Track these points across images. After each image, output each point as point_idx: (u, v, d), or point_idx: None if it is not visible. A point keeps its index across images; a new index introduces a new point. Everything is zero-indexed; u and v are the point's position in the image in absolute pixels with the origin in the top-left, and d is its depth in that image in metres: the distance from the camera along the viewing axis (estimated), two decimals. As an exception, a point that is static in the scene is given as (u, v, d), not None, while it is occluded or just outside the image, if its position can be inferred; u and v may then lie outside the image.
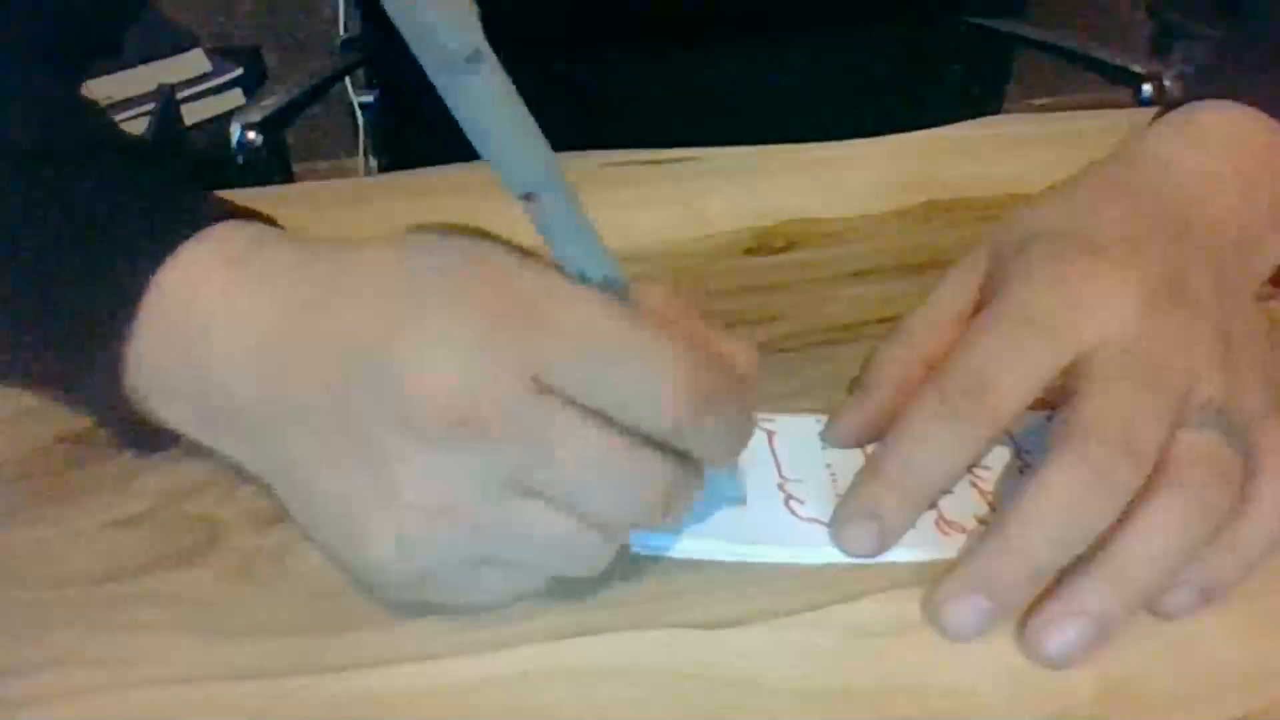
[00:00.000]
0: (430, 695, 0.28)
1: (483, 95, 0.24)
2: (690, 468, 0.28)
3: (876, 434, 0.34)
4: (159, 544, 0.33)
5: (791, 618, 0.30)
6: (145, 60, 1.46)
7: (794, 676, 0.29)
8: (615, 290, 0.27)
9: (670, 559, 0.32)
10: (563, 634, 0.30)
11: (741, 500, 0.33)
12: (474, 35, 0.23)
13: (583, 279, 0.27)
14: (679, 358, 0.26)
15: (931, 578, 0.31)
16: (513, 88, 0.24)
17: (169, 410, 0.32)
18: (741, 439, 0.29)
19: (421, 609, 0.30)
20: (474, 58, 0.23)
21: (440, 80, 0.23)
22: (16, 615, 0.30)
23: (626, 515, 0.28)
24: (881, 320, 0.42)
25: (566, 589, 0.30)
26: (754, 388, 0.30)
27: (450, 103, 0.24)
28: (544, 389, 0.26)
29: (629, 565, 0.31)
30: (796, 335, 0.42)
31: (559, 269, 0.27)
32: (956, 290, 0.37)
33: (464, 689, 0.28)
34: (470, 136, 0.25)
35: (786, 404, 0.37)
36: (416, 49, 0.23)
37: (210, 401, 0.31)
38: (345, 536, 0.28)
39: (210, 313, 0.30)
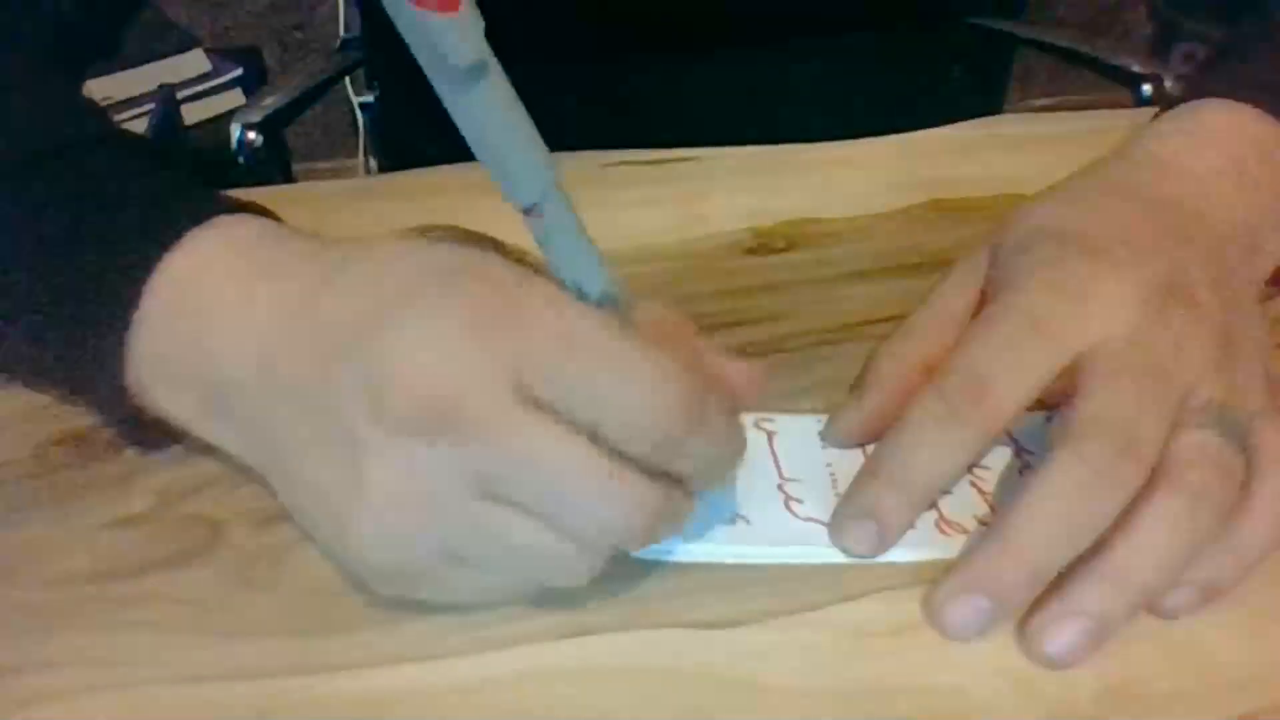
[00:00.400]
0: (430, 695, 0.28)
1: (486, 106, 0.24)
2: (678, 491, 0.28)
3: (876, 434, 0.34)
4: (159, 544, 0.33)
5: (791, 618, 0.30)
6: (145, 60, 1.46)
7: (794, 676, 0.29)
8: (612, 305, 0.27)
9: (671, 559, 0.32)
10: (563, 634, 0.30)
11: (733, 518, 0.33)
12: (479, 46, 0.23)
13: (580, 294, 0.27)
14: (667, 374, 0.26)
15: (931, 578, 0.31)
16: (517, 99, 0.24)
17: (170, 400, 0.32)
18: (731, 460, 0.29)
19: (420, 608, 0.30)
20: (478, 68, 0.23)
21: (444, 90, 0.23)
22: (16, 615, 0.30)
23: (605, 534, 0.27)
24: (881, 320, 0.42)
25: (563, 590, 0.31)
26: (748, 404, 0.30)
27: (454, 113, 0.24)
28: (529, 398, 0.26)
29: (629, 565, 0.31)
30: (796, 335, 0.42)
31: (557, 282, 0.27)
32: (957, 290, 0.37)
33: (464, 689, 0.28)
34: (473, 148, 0.25)
35: (787, 404, 0.37)
36: (421, 59, 0.23)
37: (209, 387, 0.31)
38: (328, 526, 0.28)
39: (214, 299, 0.31)
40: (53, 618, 0.30)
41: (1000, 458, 0.35)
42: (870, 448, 0.35)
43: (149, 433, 0.34)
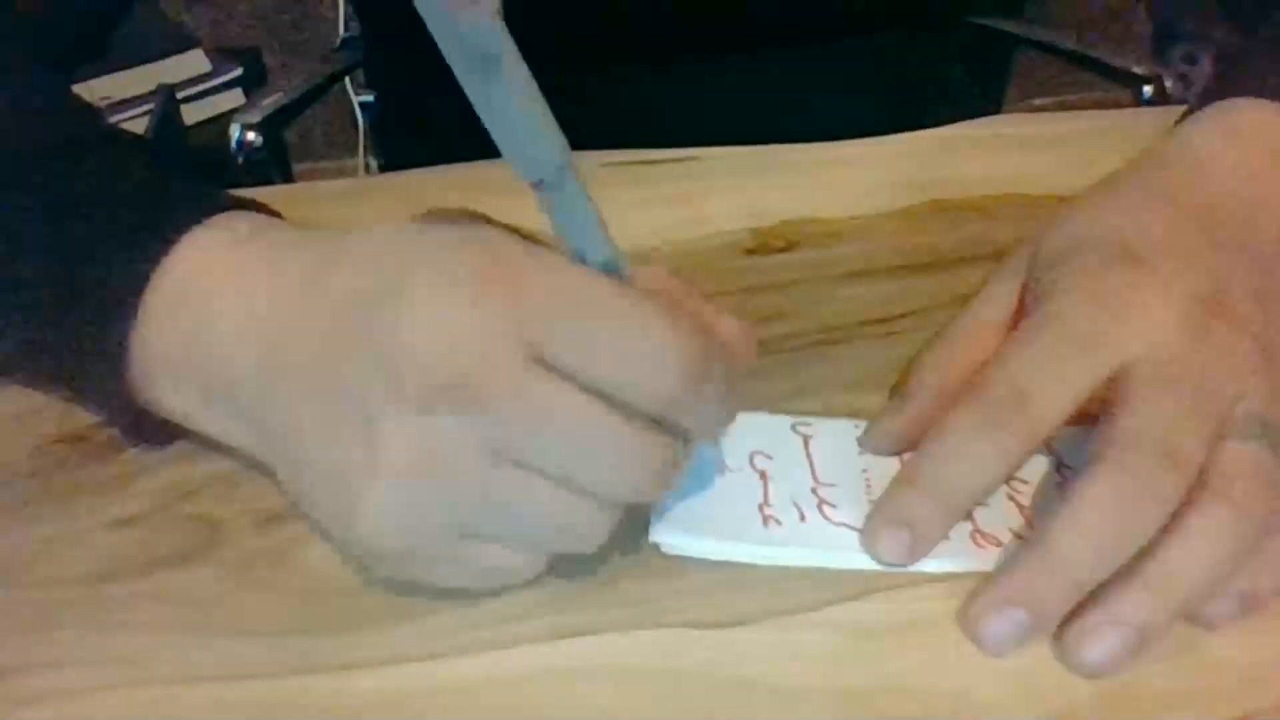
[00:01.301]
0: (430, 695, 0.28)
1: (504, 91, 0.24)
2: (679, 442, 0.28)
3: (914, 442, 0.34)
4: (159, 544, 0.33)
5: (791, 618, 0.30)
6: (145, 60, 1.46)
7: (794, 676, 0.29)
8: (616, 274, 0.28)
9: (674, 558, 0.32)
10: (563, 634, 0.30)
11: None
12: (498, 30, 0.23)
13: (583, 262, 0.27)
14: (677, 332, 0.26)
15: (932, 579, 0.31)
16: (532, 81, 0.25)
17: (172, 395, 0.32)
18: (731, 414, 0.29)
19: (420, 607, 0.30)
20: (497, 52, 0.24)
21: (464, 77, 0.24)
22: (16, 615, 0.30)
23: (620, 490, 0.28)
24: (881, 320, 0.42)
25: (561, 587, 0.31)
26: (746, 364, 0.30)
27: (472, 97, 0.24)
28: (540, 361, 0.26)
29: (629, 565, 0.32)
30: (796, 335, 0.42)
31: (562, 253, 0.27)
32: (996, 298, 0.36)
33: (464, 689, 0.28)
34: (489, 128, 0.25)
35: (787, 404, 0.37)
36: (442, 44, 0.23)
37: (212, 378, 0.31)
38: (335, 508, 0.28)
39: (216, 290, 0.31)
40: (53, 618, 0.30)
41: (1038, 471, 0.34)
42: (907, 455, 0.35)
43: (150, 431, 0.34)
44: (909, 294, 0.44)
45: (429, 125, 0.59)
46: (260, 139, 0.81)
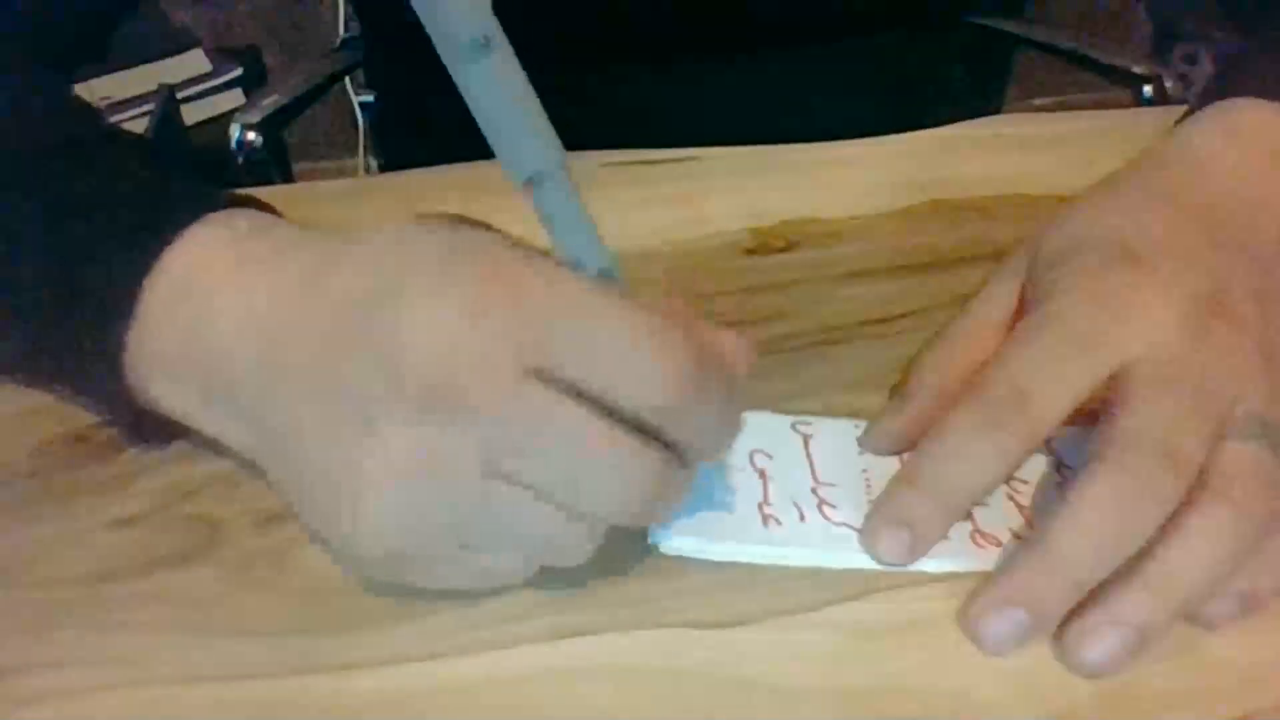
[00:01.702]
0: (430, 695, 0.28)
1: (492, 79, 0.24)
2: (678, 463, 0.28)
3: (914, 442, 0.34)
4: (159, 544, 0.33)
5: (791, 618, 0.30)
6: (145, 60, 1.46)
7: (794, 676, 0.29)
8: (611, 279, 0.28)
9: (674, 558, 0.32)
10: (563, 634, 0.30)
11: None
12: (486, 21, 0.23)
13: (578, 268, 0.27)
14: (673, 340, 0.26)
15: (932, 578, 0.31)
16: (523, 74, 0.24)
17: (171, 394, 0.32)
18: (732, 432, 0.29)
19: (420, 607, 0.30)
20: (485, 42, 0.23)
21: (452, 64, 0.24)
22: (16, 615, 0.30)
23: (611, 509, 0.27)
24: (881, 320, 0.42)
25: (561, 586, 0.31)
26: (743, 379, 0.30)
27: (461, 86, 0.24)
28: (535, 370, 0.26)
29: (629, 565, 0.32)
30: (796, 335, 0.42)
31: (556, 258, 0.27)
32: (997, 297, 0.36)
33: (464, 689, 0.28)
34: (478, 120, 0.25)
35: (787, 404, 0.37)
36: (431, 33, 0.23)
37: (212, 376, 0.31)
38: (335, 509, 0.28)
39: (216, 287, 0.31)
40: (53, 618, 0.30)
41: (1038, 470, 0.34)
42: (907, 455, 0.35)
43: (150, 431, 0.34)
44: (909, 294, 0.44)
45: (429, 125, 0.59)
46: (260, 139, 0.81)
